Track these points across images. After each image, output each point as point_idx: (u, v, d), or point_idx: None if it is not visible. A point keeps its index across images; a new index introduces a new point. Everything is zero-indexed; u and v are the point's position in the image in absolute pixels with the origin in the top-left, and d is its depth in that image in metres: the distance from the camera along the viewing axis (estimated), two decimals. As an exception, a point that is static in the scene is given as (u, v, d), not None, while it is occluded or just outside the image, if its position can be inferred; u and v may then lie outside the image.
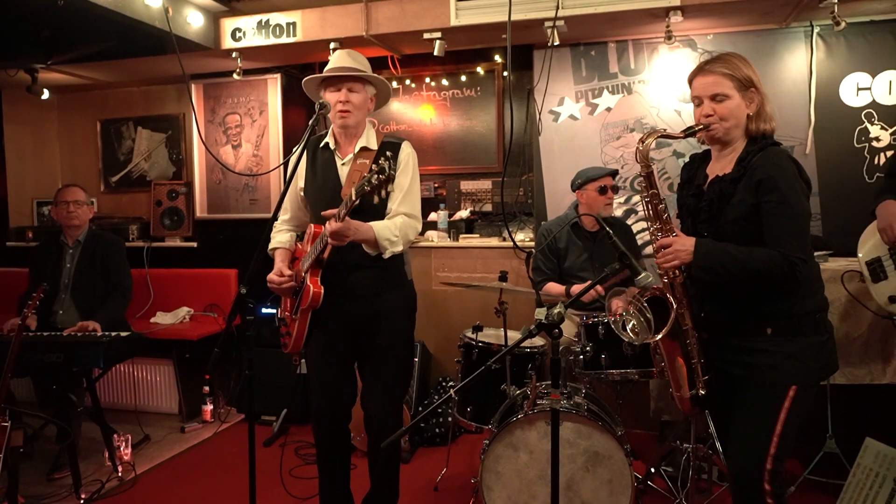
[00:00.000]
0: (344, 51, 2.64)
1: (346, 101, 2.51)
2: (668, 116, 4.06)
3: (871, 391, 3.19)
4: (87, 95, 5.32)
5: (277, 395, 4.19)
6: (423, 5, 3.78)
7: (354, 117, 2.55)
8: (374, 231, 2.42)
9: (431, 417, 3.92)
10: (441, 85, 4.64)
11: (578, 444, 2.53)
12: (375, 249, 2.47)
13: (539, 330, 1.82)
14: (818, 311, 1.98)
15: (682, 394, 2.06)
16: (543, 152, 4.28)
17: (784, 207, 1.88)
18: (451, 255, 4.36)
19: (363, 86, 2.57)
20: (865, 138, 3.75)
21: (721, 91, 1.98)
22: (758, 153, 1.95)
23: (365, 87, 2.58)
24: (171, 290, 4.76)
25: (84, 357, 3.39)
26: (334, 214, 2.30)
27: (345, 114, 2.52)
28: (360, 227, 2.36)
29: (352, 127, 2.57)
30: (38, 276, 3.78)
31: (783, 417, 1.92)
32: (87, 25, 3.57)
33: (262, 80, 4.71)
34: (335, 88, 2.54)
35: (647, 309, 1.98)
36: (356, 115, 2.55)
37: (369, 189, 2.14)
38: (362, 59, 2.64)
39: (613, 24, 3.79)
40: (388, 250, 2.46)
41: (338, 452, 2.77)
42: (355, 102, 2.54)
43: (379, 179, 2.12)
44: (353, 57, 2.61)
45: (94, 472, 3.55)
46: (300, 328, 2.59)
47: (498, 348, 3.07)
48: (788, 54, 3.82)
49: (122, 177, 5.32)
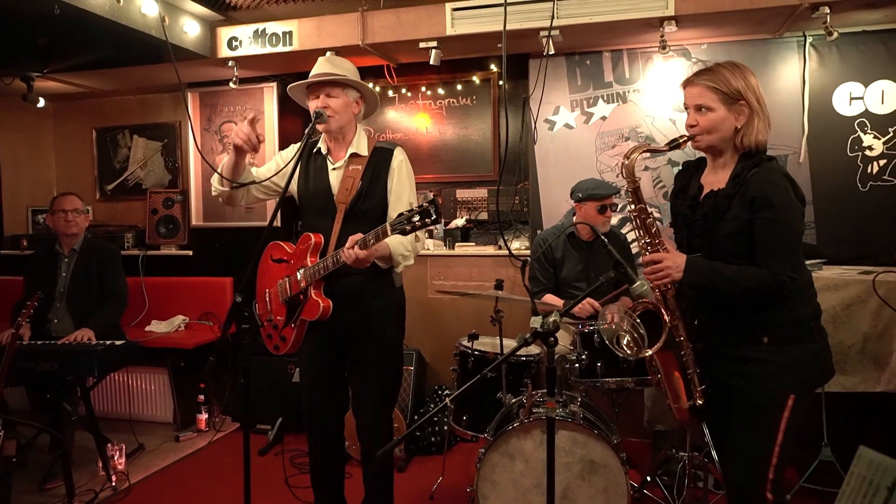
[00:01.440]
0: (323, 58, 2.66)
1: (326, 106, 2.52)
2: (662, 125, 4.08)
3: (866, 399, 3.19)
4: (82, 103, 5.33)
5: (273, 403, 4.18)
6: (419, 14, 3.80)
7: (336, 122, 2.55)
8: (390, 249, 2.43)
9: (427, 426, 3.91)
10: (437, 94, 4.66)
11: (574, 453, 2.53)
12: (388, 264, 2.48)
13: (535, 338, 1.82)
14: (812, 319, 1.99)
15: (679, 405, 2.06)
16: (539, 161, 4.29)
17: (777, 224, 1.89)
18: (447, 263, 4.36)
19: (342, 90, 2.57)
20: (858, 147, 3.78)
21: (704, 103, 1.99)
22: (752, 169, 1.95)
23: (345, 90, 2.58)
24: (167, 299, 4.75)
25: (78, 366, 3.38)
26: (361, 240, 2.27)
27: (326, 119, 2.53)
28: (378, 248, 2.35)
29: (335, 131, 2.57)
30: (33, 284, 3.77)
31: (783, 427, 1.92)
32: (84, 34, 3.57)
33: (258, 89, 4.72)
34: (315, 96, 2.56)
35: (640, 325, 1.98)
36: (337, 119, 2.55)
37: (409, 229, 2.12)
38: (345, 63, 2.64)
39: (608, 33, 3.81)
40: (402, 264, 2.50)
41: (331, 461, 2.76)
42: (334, 107, 2.53)
43: (423, 222, 2.10)
44: (333, 63, 2.61)
45: (87, 481, 3.52)
46: (298, 335, 2.59)
47: (494, 357, 3.07)
48: (782, 64, 3.85)
49: (117, 185, 5.31)
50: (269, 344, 2.73)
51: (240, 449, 2.29)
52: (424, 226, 2.12)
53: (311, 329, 2.59)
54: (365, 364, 2.62)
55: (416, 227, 2.12)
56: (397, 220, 2.16)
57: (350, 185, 2.52)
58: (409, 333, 4.24)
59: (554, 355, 1.85)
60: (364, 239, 2.27)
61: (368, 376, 2.62)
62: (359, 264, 2.31)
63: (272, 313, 2.69)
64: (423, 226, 2.11)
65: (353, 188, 2.52)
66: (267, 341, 2.74)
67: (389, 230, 2.19)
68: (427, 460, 3.82)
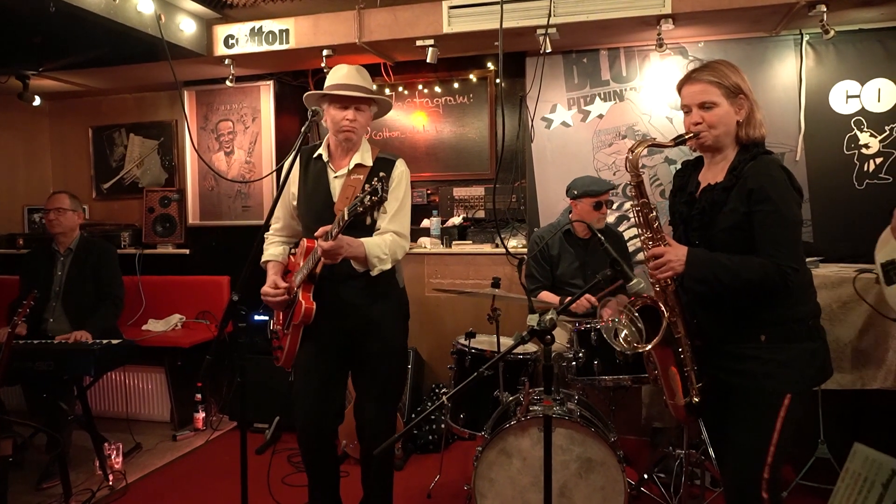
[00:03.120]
0: (353, 67, 2.60)
1: (354, 119, 2.51)
2: (659, 123, 4.09)
3: (862, 396, 3.20)
4: (78, 102, 5.31)
5: (270, 402, 4.17)
6: (416, 13, 3.79)
7: (358, 135, 2.56)
8: (364, 248, 2.41)
9: (424, 424, 3.91)
10: (434, 92, 4.66)
11: (571, 451, 2.53)
12: (364, 266, 2.46)
13: (531, 336, 1.82)
14: (811, 318, 1.98)
15: (676, 402, 2.06)
16: (536, 159, 4.29)
17: (775, 216, 1.88)
18: (444, 261, 4.36)
19: (369, 105, 2.58)
20: (855, 145, 3.78)
21: (709, 99, 1.99)
22: (749, 162, 1.95)
23: (370, 106, 2.60)
24: (163, 298, 4.74)
25: (75, 365, 3.37)
26: (326, 233, 2.28)
27: (350, 133, 2.52)
28: (351, 243, 2.35)
29: (353, 142, 2.57)
30: (29, 283, 3.76)
31: (779, 426, 1.91)
32: (79, 32, 3.56)
33: (254, 87, 4.71)
34: (342, 106, 2.52)
35: (638, 319, 1.98)
36: (360, 132, 2.56)
37: (362, 210, 2.12)
38: (368, 76, 2.63)
39: (605, 31, 3.81)
40: (377, 268, 2.46)
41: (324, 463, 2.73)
42: (361, 121, 2.55)
43: (372, 201, 2.09)
44: (362, 75, 2.59)
45: (84, 481, 3.52)
46: (292, 343, 2.57)
47: (491, 355, 3.06)
48: (779, 62, 3.86)
49: (113, 183, 5.30)
50: (276, 356, 2.72)
51: (237, 448, 2.29)
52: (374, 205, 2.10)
53: (315, 334, 2.56)
54: (370, 364, 2.61)
55: (367, 206, 2.10)
56: (352, 203, 2.15)
57: (351, 195, 2.50)
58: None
59: (551, 353, 1.85)
60: (330, 229, 2.27)
61: (372, 377, 2.61)
62: (331, 257, 2.31)
63: (278, 324, 2.68)
64: (372, 204, 2.10)
65: (354, 197, 2.51)
66: (275, 354, 2.72)
67: (346, 215, 2.18)
68: (424, 458, 3.82)
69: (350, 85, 2.52)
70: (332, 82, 2.56)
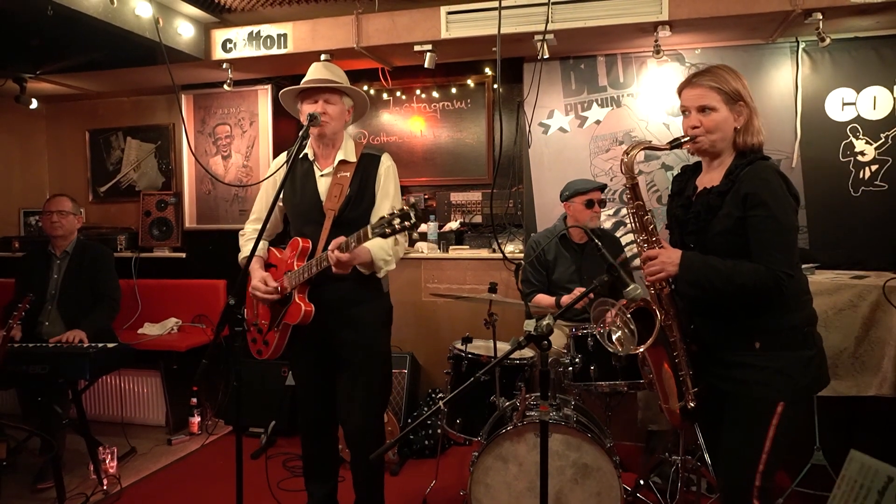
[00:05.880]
0: (320, 63, 2.67)
1: (323, 112, 2.53)
2: (656, 130, 4.10)
3: (858, 403, 3.20)
4: (75, 105, 5.31)
5: (265, 406, 4.16)
6: (414, 18, 3.80)
7: (331, 128, 2.57)
8: (370, 253, 2.43)
9: (420, 429, 3.90)
10: (431, 97, 4.66)
11: (567, 456, 2.53)
12: (370, 269, 2.48)
13: (528, 341, 1.81)
14: (806, 325, 1.97)
15: (670, 406, 2.06)
16: (533, 164, 4.30)
17: (770, 222, 1.88)
18: (441, 266, 4.36)
19: (339, 97, 2.60)
20: (851, 152, 3.80)
21: (708, 103, 1.99)
22: (746, 167, 1.95)
23: (342, 98, 2.61)
24: (159, 301, 4.73)
25: (70, 368, 3.36)
26: (341, 244, 2.29)
27: (321, 126, 2.53)
28: (359, 252, 2.36)
29: (328, 137, 2.59)
30: (25, 286, 3.74)
31: (771, 434, 1.90)
32: (77, 35, 3.56)
33: (252, 91, 4.72)
34: (312, 100, 2.56)
35: (631, 321, 1.98)
36: (332, 125, 2.57)
37: (389, 231, 2.13)
38: (339, 70, 2.67)
39: (602, 38, 3.82)
40: (383, 269, 2.50)
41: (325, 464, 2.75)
42: (331, 113, 2.56)
43: (402, 225, 2.10)
44: (330, 69, 2.63)
45: (78, 485, 3.50)
46: (280, 339, 2.59)
47: (487, 360, 3.06)
48: (775, 69, 3.87)
49: (110, 187, 5.29)
50: (252, 348, 2.74)
51: (232, 452, 2.28)
52: (404, 229, 2.12)
53: (299, 334, 2.58)
54: (352, 370, 2.61)
55: (396, 231, 2.12)
56: (378, 223, 2.16)
57: (339, 193, 2.52)
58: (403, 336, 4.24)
59: (547, 359, 1.85)
60: (346, 242, 2.28)
61: (355, 382, 2.62)
62: (341, 267, 2.32)
63: (258, 317, 2.69)
64: (402, 229, 2.11)
65: (342, 195, 2.53)
66: (251, 345, 2.74)
67: (370, 233, 2.19)
68: (420, 464, 3.81)
69: (317, 79, 2.58)
70: (304, 80, 2.61)
